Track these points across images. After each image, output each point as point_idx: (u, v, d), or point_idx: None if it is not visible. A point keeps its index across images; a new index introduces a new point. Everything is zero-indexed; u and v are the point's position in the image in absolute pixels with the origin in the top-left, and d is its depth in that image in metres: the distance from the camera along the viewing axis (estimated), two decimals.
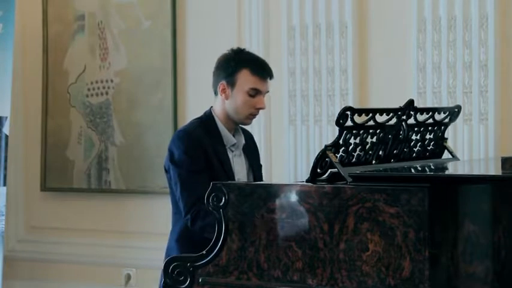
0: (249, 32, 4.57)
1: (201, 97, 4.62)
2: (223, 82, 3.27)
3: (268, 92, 3.34)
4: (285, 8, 4.43)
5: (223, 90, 3.28)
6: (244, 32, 4.59)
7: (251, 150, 3.47)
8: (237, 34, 4.59)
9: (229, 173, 3.25)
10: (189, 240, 3.19)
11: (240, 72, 3.25)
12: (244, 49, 3.37)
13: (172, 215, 3.33)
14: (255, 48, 4.44)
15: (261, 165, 3.56)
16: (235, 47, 3.39)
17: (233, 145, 3.33)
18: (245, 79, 3.24)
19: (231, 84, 3.26)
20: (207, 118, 3.33)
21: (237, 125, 3.36)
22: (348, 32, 4.28)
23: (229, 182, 2.92)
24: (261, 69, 3.28)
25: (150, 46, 4.89)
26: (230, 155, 3.31)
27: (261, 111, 3.36)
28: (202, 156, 3.18)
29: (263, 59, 3.37)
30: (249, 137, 3.49)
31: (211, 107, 3.37)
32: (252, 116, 3.31)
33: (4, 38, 4.94)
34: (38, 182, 5.31)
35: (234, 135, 3.35)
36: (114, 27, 5.02)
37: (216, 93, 3.34)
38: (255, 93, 3.25)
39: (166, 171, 3.29)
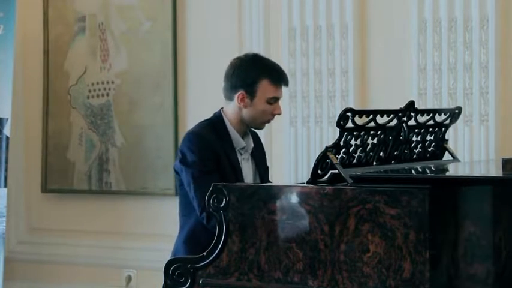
0: (249, 33, 4.57)
1: (202, 98, 4.65)
2: (243, 92, 3.26)
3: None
4: (285, 10, 4.43)
5: (242, 100, 3.26)
6: (244, 34, 4.59)
7: (258, 152, 3.47)
8: (238, 35, 4.59)
9: (239, 177, 3.25)
10: (196, 242, 3.19)
11: (261, 83, 3.24)
12: (258, 55, 3.38)
13: (181, 216, 3.32)
14: (255, 49, 4.43)
15: (267, 167, 3.56)
16: (250, 52, 3.40)
17: (242, 148, 3.33)
18: (266, 89, 3.25)
19: (251, 94, 3.25)
20: (217, 120, 3.33)
21: (248, 128, 3.37)
22: (349, 34, 4.28)
23: (230, 183, 2.93)
24: (280, 78, 3.30)
25: (151, 47, 4.89)
26: (239, 158, 3.32)
27: None
28: (213, 158, 3.20)
29: (279, 66, 3.36)
30: (256, 137, 3.49)
31: (222, 108, 3.37)
32: (268, 121, 3.34)
33: (5, 39, 4.94)
34: (38, 183, 5.31)
35: (243, 138, 3.35)
36: (114, 28, 5.02)
37: (228, 98, 3.31)
38: (274, 101, 3.27)
39: (177, 173, 3.29)
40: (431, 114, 3.15)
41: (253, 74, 3.26)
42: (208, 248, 2.82)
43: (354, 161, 2.79)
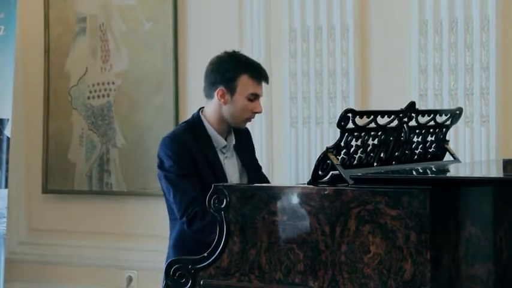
0: (250, 34, 4.57)
1: (202, 99, 4.63)
2: (222, 88, 3.24)
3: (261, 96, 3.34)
4: (286, 10, 4.43)
5: (222, 96, 3.25)
6: (245, 34, 4.59)
7: (244, 148, 3.43)
8: (238, 36, 4.59)
9: (220, 177, 3.21)
10: (183, 246, 3.19)
11: (240, 78, 3.23)
12: (238, 52, 3.35)
13: (169, 221, 3.33)
14: (256, 50, 4.45)
15: (256, 159, 3.53)
16: (229, 49, 3.36)
17: (224, 147, 3.31)
18: (246, 84, 3.23)
19: (231, 89, 3.23)
20: (195, 121, 3.31)
21: (230, 128, 3.33)
22: (349, 34, 4.28)
23: (231, 184, 2.92)
24: (260, 74, 3.28)
25: (152, 48, 4.89)
26: (221, 157, 3.29)
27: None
28: (190, 161, 3.17)
29: (258, 63, 3.36)
30: (242, 134, 3.43)
31: (200, 109, 3.35)
32: (249, 120, 3.31)
33: (5, 40, 4.94)
34: (39, 184, 5.31)
35: (226, 137, 3.32)
36: (115, 29, 5.02)
37: (208, 96, 3.30)
38: (254, 97, 3.25)
39: (159, 178, 3.28)
40: (432, 115, 3.15)
41: (233, 69, 3.24)
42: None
43: (355, 161, 2.79)
